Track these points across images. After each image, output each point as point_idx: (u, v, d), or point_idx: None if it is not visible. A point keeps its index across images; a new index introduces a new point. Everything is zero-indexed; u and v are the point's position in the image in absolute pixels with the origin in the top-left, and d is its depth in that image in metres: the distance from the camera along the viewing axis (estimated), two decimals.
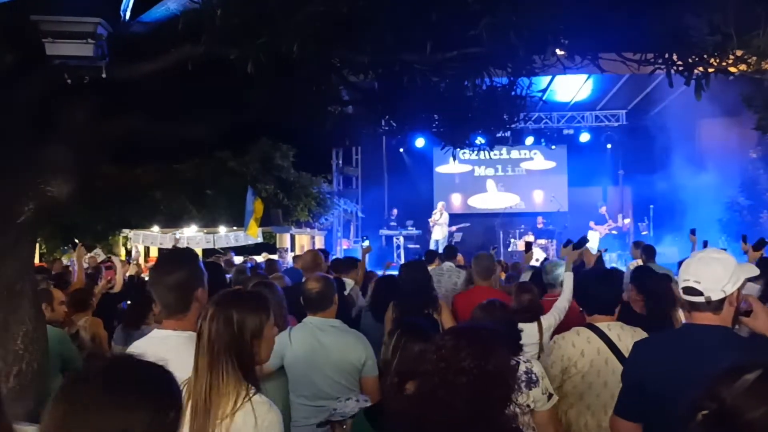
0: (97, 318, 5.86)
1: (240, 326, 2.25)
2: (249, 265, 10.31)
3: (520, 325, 4.29)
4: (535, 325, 4.28)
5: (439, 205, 18.38)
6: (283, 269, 8.68)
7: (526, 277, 6.57)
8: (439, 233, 17.62)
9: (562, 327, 3.83)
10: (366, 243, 8.29)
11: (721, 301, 2.41)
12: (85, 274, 7.76)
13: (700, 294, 2.41)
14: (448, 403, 1.89)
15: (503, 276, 8.72)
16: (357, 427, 2.81)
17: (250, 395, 2.20)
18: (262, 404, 2.21)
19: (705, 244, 7.48)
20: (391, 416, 2.26)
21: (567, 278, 4.65)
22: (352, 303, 6.10)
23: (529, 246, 7.83)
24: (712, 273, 2.41)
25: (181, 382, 2.13)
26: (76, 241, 12.30)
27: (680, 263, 2.61)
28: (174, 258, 2.83)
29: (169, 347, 2.60)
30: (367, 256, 7.66)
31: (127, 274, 8.07)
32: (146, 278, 10.16)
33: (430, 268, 6.25)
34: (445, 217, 18.05)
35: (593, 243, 16.24)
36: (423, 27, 3.28)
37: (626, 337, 3.34)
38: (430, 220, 18.09)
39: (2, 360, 3.38)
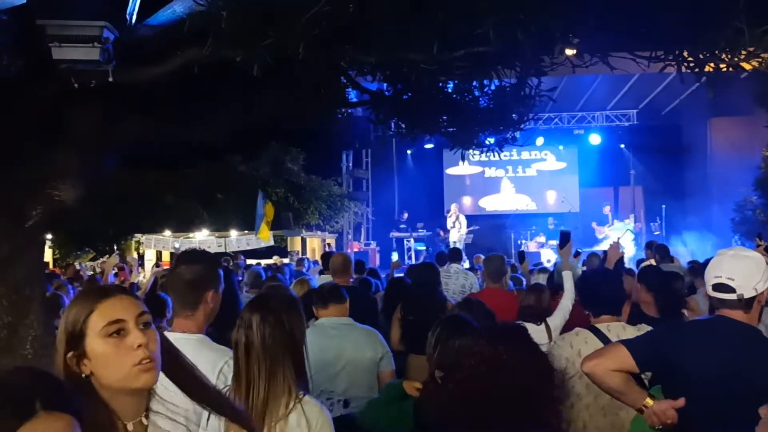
0: None
1: (291, 329, 2.33)
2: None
3: (526, 326, 4.27)
4: (542, 327, 4.24)
5: (453, 207, 18.12)
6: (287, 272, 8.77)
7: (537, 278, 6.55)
8: (455, 236, 17.39)
9: (567, 329, 3.78)
10: (395, 257, 9.83)
11: (752, 299, 2.39)
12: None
13: (733, 291, 2.39)
14: (492, 395, 1.86)
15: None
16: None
17: (300, 397, 2.26)
18: (313, 405, 2.28)
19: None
20: (437, 408, 2.22)
21: (566, 277, 4.62)
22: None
23: (522, 256, 7.99)
24: (746, 270, 2.39)
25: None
26: (113, 248, 12.28)
27: (691, 263, 2.55)
28: (196, 254, 2.92)
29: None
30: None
31: (129, 282, 8.10)
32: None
33: None
34: (462, 219, 17.70)
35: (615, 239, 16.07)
36: (429, 26, 3.25)
37: (627, 336, 3.28)
38: (447, 225, 17.85)
39: (11, 365, 3.38)
